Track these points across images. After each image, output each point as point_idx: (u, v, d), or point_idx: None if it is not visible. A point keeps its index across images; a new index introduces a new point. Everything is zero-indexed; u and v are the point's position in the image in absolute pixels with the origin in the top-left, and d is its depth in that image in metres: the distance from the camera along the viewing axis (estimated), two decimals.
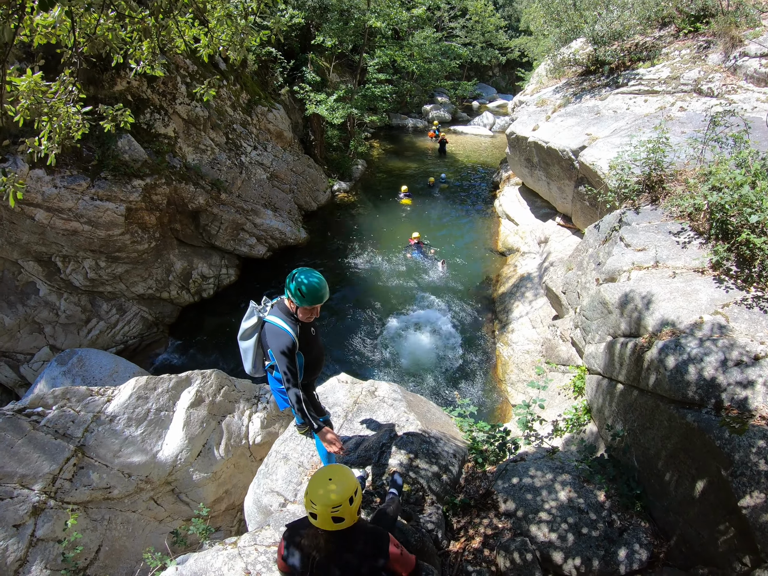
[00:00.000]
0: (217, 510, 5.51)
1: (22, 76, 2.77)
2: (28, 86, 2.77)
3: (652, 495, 3.77)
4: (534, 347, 8.53)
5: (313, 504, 2.05)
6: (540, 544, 3.56)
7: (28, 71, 2.81)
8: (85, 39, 2.68)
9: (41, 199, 7.79)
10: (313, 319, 3.20)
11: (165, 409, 5.41)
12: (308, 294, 2.90)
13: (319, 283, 2.94)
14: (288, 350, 2.99)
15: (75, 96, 2.91)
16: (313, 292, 2.91)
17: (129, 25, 2.78)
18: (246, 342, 3.35)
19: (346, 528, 2.11)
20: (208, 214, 11.31)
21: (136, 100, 9.50)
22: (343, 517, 2.06)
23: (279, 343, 3.01)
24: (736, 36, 8.25)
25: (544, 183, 10.87)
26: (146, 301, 10.31)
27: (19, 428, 4.37)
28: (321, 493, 2.06)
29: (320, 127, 16.60)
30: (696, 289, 4.16)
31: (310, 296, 2.91)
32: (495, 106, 30.99)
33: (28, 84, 2.77)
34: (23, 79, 2.77)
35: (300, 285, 2.90)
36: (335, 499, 2.04)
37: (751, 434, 3.04)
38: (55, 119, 2.89)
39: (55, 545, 4.09)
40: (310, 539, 2.17)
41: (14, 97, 2.80)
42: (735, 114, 5.38)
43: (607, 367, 4.60)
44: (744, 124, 5.03)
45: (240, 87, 12.71)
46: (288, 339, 3.01)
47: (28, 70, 2.81)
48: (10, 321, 8.42)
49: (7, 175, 2.76)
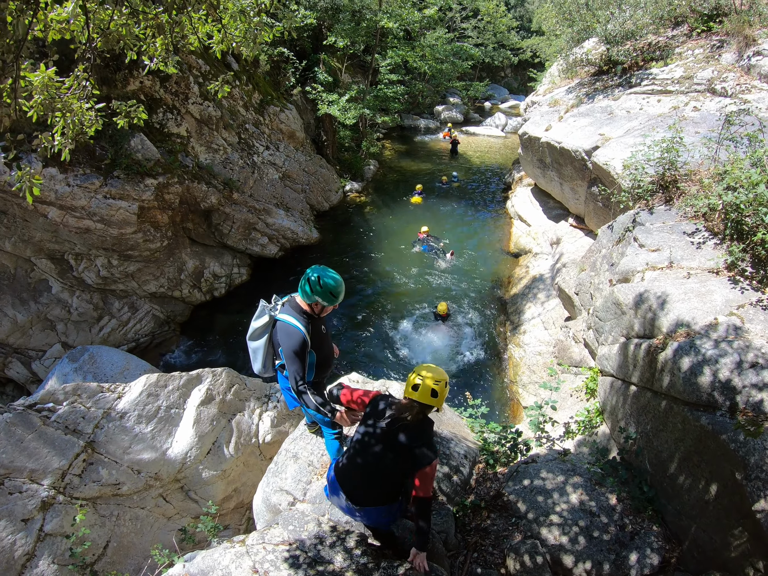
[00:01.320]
0: (226, 508, 5.51)
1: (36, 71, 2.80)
2: (41, 81, 2.78)
3: (664, 498, 3.72)
4: (546, 349, 8.45)
5: (420, 376, 2.59)
6: (550, 547, 3.52)
7: (42, 66, 2.83)
8: (99, 34, 2.69)
9: (54, 198, 7.88)
10: (324, 317, 3.23)
11: (175, 406, 5.44)
12: (330, 289, 2.98)
13: (336, 280, 3.02)
14: (300, 349, 3.01)
15: (89, 92, 2.93)
16: (333, 288, 2.99)
17: (143, 21, 2.79)
18: (256, 342, 3.35)
19: (428, 414, 2.64)
20: (221, 214, 11.37)
21: (149, 99, 9.58)
22: (438, 393, 2.55)
23: (291, 342, 3.02)
24: (750, 35, 8.11)
25: (556, 183, 10.78)
26: (158, 300, 10.38)
27: (30, 423, 4.39)
28: (428, 369, 2.63)
29: (332, 128, 16.64)
30: (711, 290, 4.09)
31: (331, 292, 2.98)
32: (507, 106, 30.82)
33: (42, 79, 2.77)
34: (37, 74, 2.78)
35: (320, 281, 2.96)
36: (440, 373, 2.63)
37: (767, 437, 2.98)
38: (68, 115, 2.91)
39: (63, 540, 4.10)
40: (401, 405, 2.63)
41: (28, 92, 2.82)
42: (750, 113, 5.29)
43: (620, 369, 4.54)
44: (759, 123, 4.94)
45: (252, 87, 12.78)
46: (300, 337, 3.02)
47: (42, 66, 2.83)
48: (22, 318, 8.54)
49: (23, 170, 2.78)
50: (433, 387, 2.54)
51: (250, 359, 3.46)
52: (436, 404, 2.59)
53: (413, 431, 2.58)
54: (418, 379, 2.58)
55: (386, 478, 2.67)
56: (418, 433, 2.60)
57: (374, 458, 2.63)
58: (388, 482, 2.68)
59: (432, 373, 2.59)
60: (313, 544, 3.04)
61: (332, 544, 3.04)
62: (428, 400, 2.56)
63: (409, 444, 2.56)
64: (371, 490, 2.69)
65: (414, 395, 2.57)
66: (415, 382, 2.58)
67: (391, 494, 2.72)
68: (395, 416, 2.59)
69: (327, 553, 2.97)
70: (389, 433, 2.60)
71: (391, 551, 3.15)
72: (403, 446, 2.56)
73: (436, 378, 2.57)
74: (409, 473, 2.60)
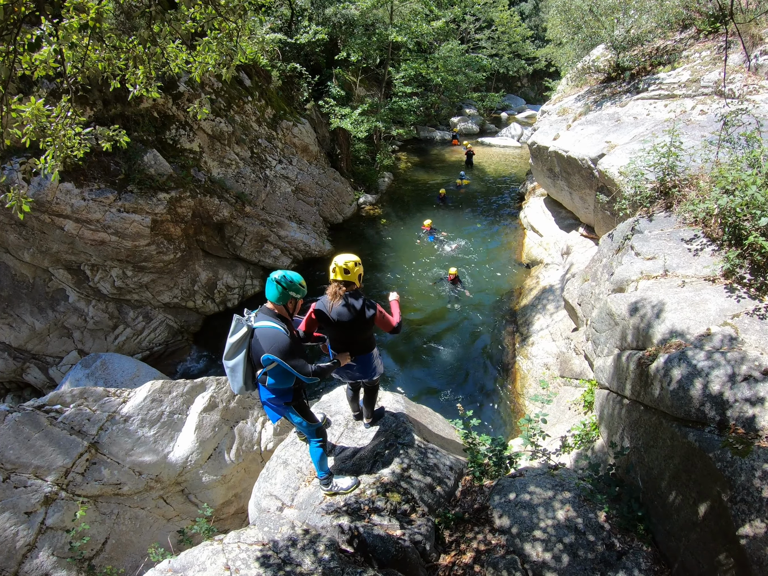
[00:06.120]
0: (225, 513, 5.58)
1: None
2: (32, 112, 3.04)
3: (655, 517, 3.56)
4: (553, 361, 8.28)
5: (335, 263, 3.50)
6: (533, 563, 3.41)
7: (32, 98, 3.07)
8: (78, 70, 2.90)
9: (70, 211, 8.22)
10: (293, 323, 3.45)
11: (178, 412, 5.56)
12: (298, 281, 3.33)
13: (297, 274, 3.40)
14: (288, 346, 3.18)
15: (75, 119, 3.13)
16: (299, 280, 3.35)
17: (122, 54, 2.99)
18: (233, 360, 3.38)
19: (352, 287, 3.56)
20: (233, 227, 11.61)
21: (162, 116, 9.94)
22: (349, 270, 3.48)
23: (277, 342, 3.16)
24: (757, 34, 7.88)
25: (566, 193, 10.63)
26: (171, 310, 10.63)
27: (37, 423, 4.58)
28: (339, 256, 3.53)
29: (346, 141, 16.85)
30: (705, 298, 3.94)
31: (300, 283, 3.34)
32: (524, 116, 30.65)
33: (32, 110, 3.03)
34: (27, 105, 3.04)
35: (286, 278, 3.26)
36: (349, 256, 3.53)
37: (755, 456, 2.81)
38: (57, 140, 3.12)
39: (63, 534, 4.27)
40: (331, 291, 3.54)
41: (19, 122, 3.06)
42: (748, 113, 5.12)
43: (614, 382, 4.40)
44: (756, 123, 4.77)
45: (265, 102, 13.09)
46: (283, 336, 3.18)
47: (32, 98, 3.08)
48: (40, 325, 8.87)
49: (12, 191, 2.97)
50: (344, 267, 3.47)
51: (229, 381, 3.51)
52: (351, 278, 3.52)
53: (352, 299, 3.54)
54: (332, 265, 3.52)
55: (364, 333, 3.70)
56: (355, 299, 3.55)
57: (347, 329, 3.60)
58: (366, 335, 3.75)
59: (343, 258, 3.50)
60: (285, 546, 3.09)
61: (303, 546, 3.08)
62: (344, 277, 3.50)
63: (360, 305, 3.54)
64: (360, 344, 3.78)
65: (333, 277, 3.52)
66: (332, 268, 3.52)
67: (369, 343, 3.85)
68: (336, 298, 3.51)
69: (297, 555, 3.02)
70: (348, 309, 3.53)
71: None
72: (356, 310, 3.52)
73: (345, 260, 3.48)
74: (371, 325, 3.65)
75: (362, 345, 3.82)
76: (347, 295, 3.54)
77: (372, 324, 3.67)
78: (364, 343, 3.81)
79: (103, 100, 8.81)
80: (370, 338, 3.86)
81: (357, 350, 3.80)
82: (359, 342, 3.79)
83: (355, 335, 3.71)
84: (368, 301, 3.63)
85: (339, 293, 3.52)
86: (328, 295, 3.58)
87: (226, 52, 3.09)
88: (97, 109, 8.81)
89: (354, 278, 3.52)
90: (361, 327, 3.62)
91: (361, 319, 3.56)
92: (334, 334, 3.75)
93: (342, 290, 3.52)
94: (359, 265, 3.56)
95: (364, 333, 3.73)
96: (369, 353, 3.88)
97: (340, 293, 3.52)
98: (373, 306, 3.61)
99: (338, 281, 3.53)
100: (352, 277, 3.50)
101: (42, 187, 8.02)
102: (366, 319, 3.58)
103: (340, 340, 3.76)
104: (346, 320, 3.57)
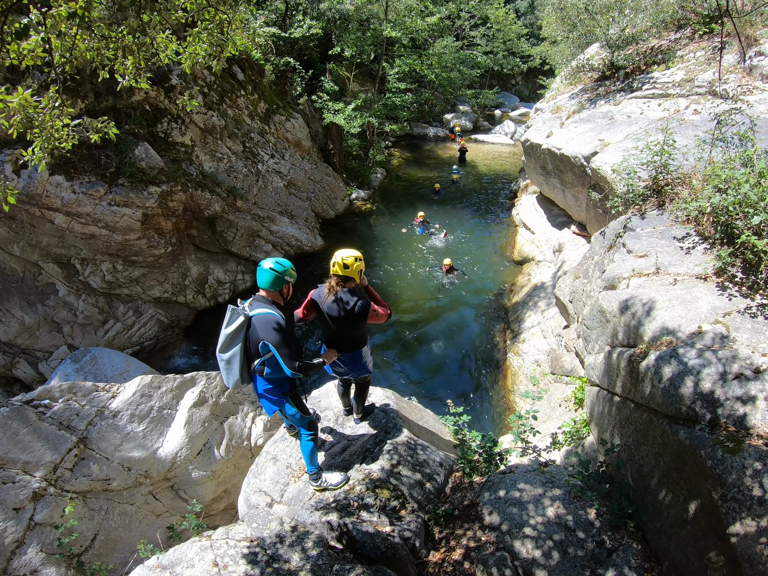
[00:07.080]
0: (215, 509, 5.55)
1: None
2: (19, 103, 2.96)
3: (645, 515, 3.57)
4: (544, 358, 8.30)
5: (335, 258, 3.49)
6: (522, 560, 3.40)
7: (20, 89, 2.99)
8: (66, 60, 2.83)
9: (60, 204, 8.10)
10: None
11: (168, 407, 5.51)
12: (289, 266, 3.37)
13: (286, 260, 3.45)
14: (282, 332, 3.20)
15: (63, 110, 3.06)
16: (290, 265, 3.39)
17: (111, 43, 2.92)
18: (229, 352, 3.36)
19: (351, 284, 3.55)
20: (225, 221, 11.51)
21: (154, 109, 9.80)
22: (349, 265, 3.46)
23: (274, 327, 3.18)
24: (751, 35, 7.92)
25: (559, 191, 10.65)
26: (162, 305, 10.54)
27: (25, 418, 4.52)
28: (340, 251, 3.52)
29: (339, 136, 16.76)
30: (696, 296, 3.95)
31: (291, 268, 3.39)
32: (517, 114, 30.70)
33: (20, 101, 2.95)
34: (15, 96, 2.95)
35: (277, 264, 3.30)
36: (349, 251, 3.52)
37: (746, 455, 2.80)
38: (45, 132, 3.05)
39: (52, 530, 4.22)
40: (329, 285, 3.56)
41: (5, 113, 2.99)
42: (742, 112, 5.14)
43: (605, 379, 4.41)
44: (750, 122, 4.79)
45: (258, 97, 12.97)
46: (282, 321, 3.22)
47: (20, 88, 3.00)
48: (30, 320, 8.75)
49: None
50: (343, 263, 3.45)
51: (222, 375, 3.47)
52: (351, 274, 3.49)
53: (346, 296, 3.53)
54: (333, 260, 3.51)
55: (354, 330, 3.70)
56: (349, 296, 3.53)
57: (336, 324, 3.62)
58: (356, 332, 3.74)
59: (342, 253, 3.49)
60: (272, 543, 3.07)
61: (291, 543, 3.06)
62: (343, 272, 3.48)
63: (352, 303, 3.52)
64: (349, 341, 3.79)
65: (332, 271, 3.52)
66: (332, 263, 3.51)
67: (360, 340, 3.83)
68: (331, 293, 3.54)
69: (285, 551, 3.01)
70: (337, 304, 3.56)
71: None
72: (349, 305, 3.52)
73: (344, 255, 3.47)
74: (363, 320, 3.60)
75: (352, 342, 3.81)
76: (342, 292, 3.54)
77: (362, 323, 3.66)
78: (354, 340, 3.81)
79: (95, 92, 8.68)
80: (360, 336, 3.85)
81: (347, 347, 3.81)
82: (348, 338, 3.79)
83: (344, 332, 3.72)
84: (361, 301, 3.59)
85: (334, 288, 3.53)
86: (325, 288, 3.61)
87: (216, 43, 3.04)
88: (89, 101, 8.68)
89: (353, 273, 3.50)
90: (350, 324, 3.63)
91: (349, 317, 3.56)
92: (325, 326, 3.78)
93: (338, 286, 3.52)
94: (360, 260, 3.55)
95: (354, 330, 3.73)
96: (359, 350, 3.87)
97: (336, 288, 3.52)
98: (365, 306, 3.56)
99: (338, 276, 3.52)
100: (351, 272, 3.48)
101: (32, 180, 7.89)
102: (355, 317, 3.56)
103: (330, 333, 3.78)
104: (335, 315, 3.59)
